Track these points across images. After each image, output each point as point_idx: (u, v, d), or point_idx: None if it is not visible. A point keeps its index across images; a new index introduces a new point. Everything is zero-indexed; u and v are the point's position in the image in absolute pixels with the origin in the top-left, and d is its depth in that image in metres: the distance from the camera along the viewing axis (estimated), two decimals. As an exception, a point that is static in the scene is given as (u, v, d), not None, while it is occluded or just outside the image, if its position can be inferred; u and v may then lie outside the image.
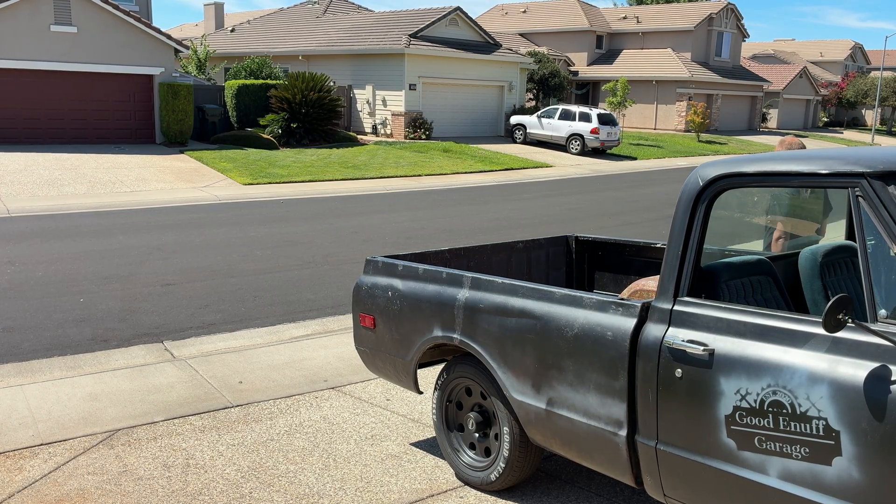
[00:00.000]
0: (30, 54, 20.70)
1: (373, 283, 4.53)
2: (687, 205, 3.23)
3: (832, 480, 2.68)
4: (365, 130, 29.68)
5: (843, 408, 2.64)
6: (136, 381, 5.81)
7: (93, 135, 22.15)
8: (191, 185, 17.08)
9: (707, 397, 2.99)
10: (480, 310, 3.89)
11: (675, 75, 40.38)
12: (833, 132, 51.01)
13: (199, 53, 29.76)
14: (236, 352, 6.57)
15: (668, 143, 33.22)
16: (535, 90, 38.52)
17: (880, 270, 2.72)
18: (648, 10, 47.73)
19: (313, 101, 23.90)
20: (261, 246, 10.95)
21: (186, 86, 22.29)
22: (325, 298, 8.30)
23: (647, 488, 3.35)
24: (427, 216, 14.13)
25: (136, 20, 21.98)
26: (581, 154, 27.23)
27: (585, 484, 4.26)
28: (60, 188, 15.89)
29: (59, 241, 10.99)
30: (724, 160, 3.25)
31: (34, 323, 7.23)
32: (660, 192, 18.53)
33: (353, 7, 38.63)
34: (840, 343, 2.72)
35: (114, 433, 4.89)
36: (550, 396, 3.59)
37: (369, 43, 29.36)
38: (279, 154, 21.92)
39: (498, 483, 4.04)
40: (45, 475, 4.32)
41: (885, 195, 2.72)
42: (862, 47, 66.13)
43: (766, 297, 3.41)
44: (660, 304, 3.25)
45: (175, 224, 12.70)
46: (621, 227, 13.19)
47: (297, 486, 4.22)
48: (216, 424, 5.06)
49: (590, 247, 5.46)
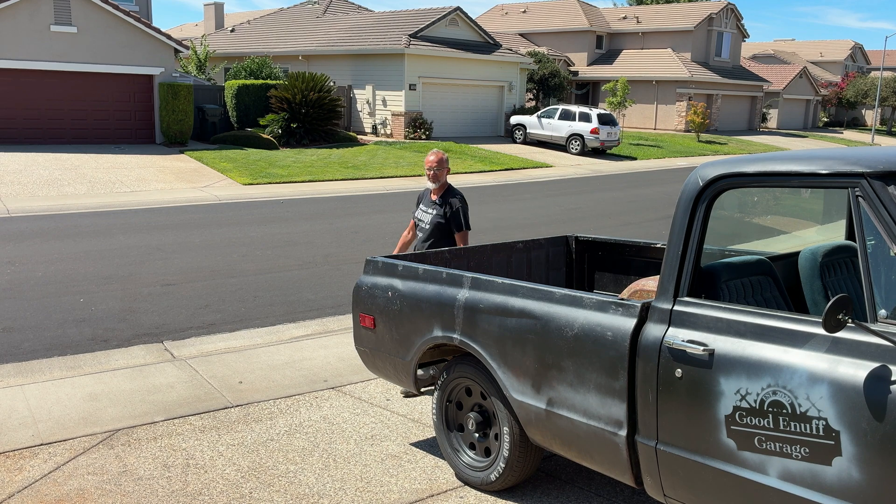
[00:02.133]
0: (30, 54, 20.69)
1: (373, 284, 4.53)
2: (687, 205, 3.23)
3: (832, 480, 2.68)
4: (365, 130, 29.68)
5: (843, 408, 2.64)
6: (136, 381, 5.81)
7: (93, 135, 22.15)
8: (191, 185, 17.08)
9: (707, 397, 2.99)
10: (480, 310, 3.89)
11: (675, 75, 40.37)
12: (833, 132, 51.00)
13: (199, 53, 29.75)
14: (236, 352, 6.57)
15: (668, 144, 33.22)
16: (535, 90, 38.52)
17: (880, 270, 2.72)
18: (648, 10, 47.72)
19: (313, 101, 23.89)
20: (261, 246, 10.95)
21: (186, 86, 22.29)
22: (325, 298, 8.30)
23: (647, 488, 3.35)
24: (427, 216, 14.11)
25: (136, 20, 21.97)
26: (581, 154, 27.22)
27: (585, 484, 4.26)
28: (60, 188, 15.89)
29: (59, 241, 10.98)
30: (724, 160, 3.25)
31: (34, 323, 7.23)
32: (660, 193, 18.53)
33: (353, 7, 38.63)
34: (840, 343, 2.72)
35: (114, 433, 4.89)
36: (550, 396, 3.59)
37: (369, 43, 29.36)
38: (279, 154, 21.91)
39: (498, 483, 4.04)
40: (45, 475, 4.32)
41: (885, 195, 2.72)
42: (862, 47, 66.13)
43: (766, 297, 3.41)
44: (660, 305, 3.25)
45: (175, 224, 12.70)
46: (621, 227, 13.19)
47: (297, 486, 4.22)
48: (216, 424, 5.05)
49: (590, 247, 5.46)
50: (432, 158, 5.73)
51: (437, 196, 5.79)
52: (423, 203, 5.89)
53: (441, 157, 5.73)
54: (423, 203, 5.89)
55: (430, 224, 5.75)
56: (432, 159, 5.72)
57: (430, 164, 5.72)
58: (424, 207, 5.86)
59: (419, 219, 5.86)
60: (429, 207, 5.81)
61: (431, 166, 5.72)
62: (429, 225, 5.76)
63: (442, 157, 5.74)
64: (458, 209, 5.70)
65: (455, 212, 5.71)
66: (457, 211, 5.70)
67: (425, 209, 5.84)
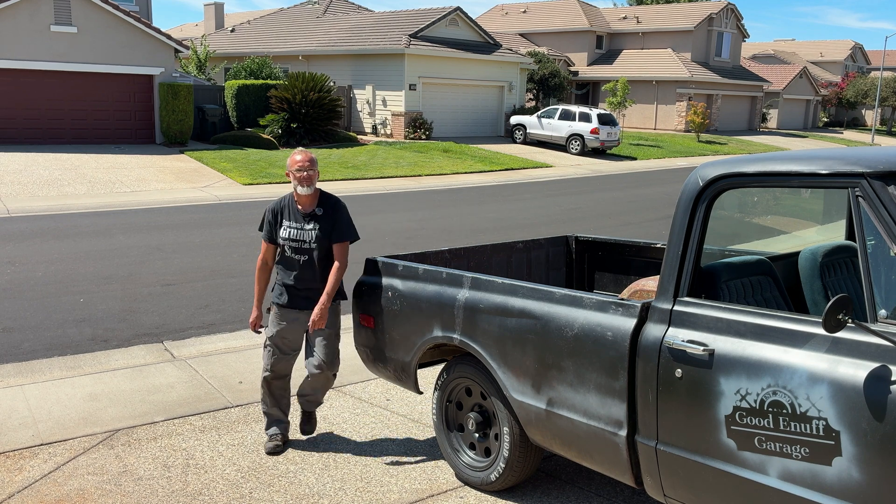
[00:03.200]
0: (30, 54, 20.69)
1: (373, 284, 4.53)
2: (687, 205, 3.23)
3: (832, 480, 2.68)
4: (365, 130, 29.68)
5: (843, 408, 2.64)
6: (136, 381, 5.81)
7: (93, 135, 22.15)
8: (191, 185, 17.08)
9: (707, 397, 2.99)
10: (480, 310, 3.89)
11: (675, 75, 40.38)
12: (833, 132, 51.00)
13: (199, 53, 29.76)
14: (236, 352, 6.57)
15: (668, 144, 33.22)
16: (535, 90, 38.52)
17: (880, 270, 2.71)
18: (648, 10, 47.73)
19: (313, 102, 23.90)
20: (261, 246, 10.94)
21: (186, 86, 22.29)
22: (325, 298, 8.29)
23: (647, 488, 3.35)
24: (427, 216, 14.13)
25: (136, 20, 21.98)
26: (581, 154, 27.22)
27: (585, 484, 4.26)
28: (60, 188, 15.89)
29: (59, 241, 10.98)
30: (724, 160, 3.25)
31: (34, 323, 7.23)
32: (660, 193, 18.53)
33: (353, 7, 38.63)
34: (840, 343, 2.72)
35: (114, 433, 4.89)
36: (550, 397, 3.59)
37: (369, 43, 29.37)
38: (279, 154, 21.91)
39: (498, 483, 4.04)
40: (45, 475, 4.32)
41: (885, 195, 2.72)
42: (862, 47, 66.13)
43: (766, 297, 3.41)
44: (660, 305, 3.25)
45: (175, 224, 12.70)
46: (621, 228, 13.19)
47: (297, 486, 4.22)
48: (216, 424, 5.06)
49: (590, 247, 5.46)
50: (301, 158, 4.44)
51: (312, 205, 4.52)
52: (290, 218, 4.53)
53: (312, 156, 4.50)
54: (290, 218, 4.53)
55: (313, 243, 4.46)
56: (302, 158, 4.44)
57: (301, 164, 4.42)
58: (296, 223, 4.50)
59: (294, 239, 4.48)
60: (304, 222, 4.49)
61: (303, 166, 4.42)
62: (313, 244, 4.47)
63: (313, 156, 4.51)
64: (346, 213, 4.59)
65: (344, 218, 4.55)
66: (346, 217, 4.57)
67: (299, 225, 4.49)
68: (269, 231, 4.60)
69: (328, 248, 4.51)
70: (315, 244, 4.47)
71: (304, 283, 4.53)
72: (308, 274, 4.51)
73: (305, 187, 4.44)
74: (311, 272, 4.51)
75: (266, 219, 4.62)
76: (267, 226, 4.61)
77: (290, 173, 4.47)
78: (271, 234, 4.59)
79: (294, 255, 4.50)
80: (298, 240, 4.48)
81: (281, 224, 4.55)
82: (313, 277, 4.52)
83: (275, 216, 4.58)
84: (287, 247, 4.51)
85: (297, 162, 4.43)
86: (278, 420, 4.76)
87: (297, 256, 4.50)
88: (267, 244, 4.62)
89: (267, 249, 4.64)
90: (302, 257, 4.50)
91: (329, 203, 4.55)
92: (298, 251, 4.49)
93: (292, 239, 4.49)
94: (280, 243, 4.55)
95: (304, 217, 4.50)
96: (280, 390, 4.75)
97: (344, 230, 4.52)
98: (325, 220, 4.49)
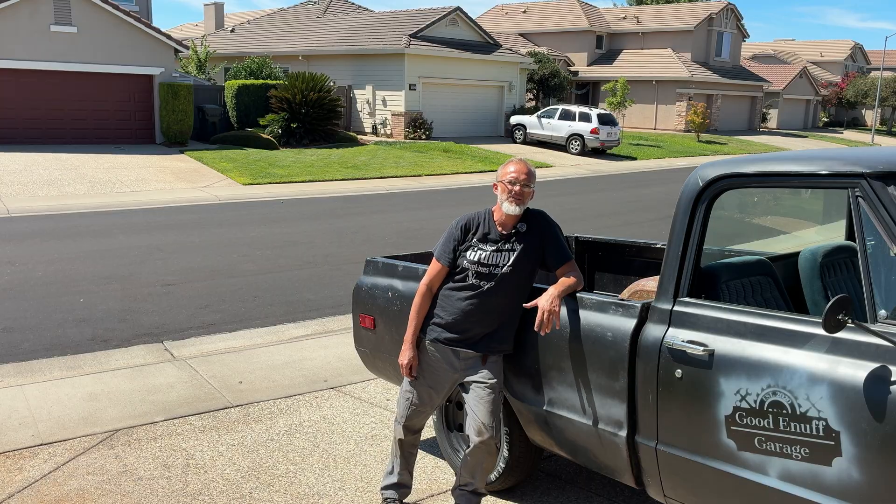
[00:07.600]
0: (30, 54, 20.70)
1: (373, 284, 4.53)
2: (687, 205, 3.23)
3: (832, 481, 2.68)
4: (365, 130, 29.68)
5: (842, 408, 2.64)
6: (136, 381, 5.81)
7: (93, 135, 22.15)
8: (191, 185, 17.08)
9: (707, 398, 2.99)
10: (480, 310, 3.88)
11: (675, 75, 40.39)
12: (833, 132, 51.01)
13: (199, 53, 29.74)
14: (236, 352, 6.57)
15: (668, 144, 33.22)
16: (535, 90, 38.52)
17: (880, 271, 2.72)
18: (648, 10, 47.74)
19: (313, 102, 23.90)
20: (261, 246, 10.95)
21: (186, 86, 22.29)
22: (325, 298, 8.29)
23: (648, 489, 3.35)
24: (427, 216, 14.13)
25: (136, 20, 21.98)
26: (581, 154, 27.23)
27: (585, 484, 4.26)
28: (60, 188, 15.89)
29: (59, 241, 10.98)
30: (724, 160, 3.25)
31: (34, 323, 7.23)
32: (660, 193, 18.52)
33: (353, 7, 38.64)
34: (840, 343, 2.72)
35: (114, 433, 4.89)
36: (550, 397, 3.59)
37: (369, 43, 29.37)
38: (279, 154, 21.91)
39: (498, 483, 4.04)
40: (45, 475, 4.32)
41: (885, 195, 2.72)
42: (862, 47, 66.14)
43: (765, 297, 3.41)
44: (660, 305, 3.25)
45: (175, 224, 12.70)
46: (621, 228, 13.19)
47: (297, 486, 4.22)
48: (216, 424, 5.06)
49: (590, 247, 5.46)
50: (516, 168, 3.62)
51: (514, 224, 3.67)
52: (483, 239, 3.66)
53: (531, 168, 3.69)
54: (483, 239, 3.66)
55: (508, 266, 3.59)
56: (518, 169, 3.62)
57: (515, 176, 3.60)
58: (490, 245, 3.63)
59: (484, 263, 3.60)
60: (502, 242, 3.63)
61: (518, 178, 3.59)
62: (507, 268, 3.58)
63: (532, 169, 3.69)
64: (558, 228, 3.77)
65: (558, 234, 3.73)
66: (559, 233, 3.75)
67: (494, 247, 3.62)
68: (451, 252, 3.68)
69: (528, 273, 3.64)
70: (510, 268, 3.58)
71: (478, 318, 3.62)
72: (489, 305, 3.61)
73: (515, 206, 3.59)
74: (492, 303, 3.60)
75: (451, 235, 3.71)
76: (452, 243, 3.69)
77: (500, 184, 3.64)
78: (453, 255, 3.69)
79: (478, 280, 3.61)
80: (490, 263, 3.59)
81: (470, 244, 3.67)
82: (494, 309, 3.62)
83: (464, 233, 3.69)
84: (472, 272, 3.62)
85: (510, 173, 3.60)
86: (402, 485, 3.96)
87: (483, 283, 3.60)
88: (441, 267, 3.71)
89: (438, 273, 3.72)
90: (488, 284, 3.60)
91: (534, 218, 3.72)
92: (486, 276, 3.60)
93: (481, 262, 3.60)
94: (465, 266, 3.64)
95: (501, 237, 3.64)
96: (411, 447, 3.96)
97: (563, 248, 3.68)
98: (530, 238, 3.64)
